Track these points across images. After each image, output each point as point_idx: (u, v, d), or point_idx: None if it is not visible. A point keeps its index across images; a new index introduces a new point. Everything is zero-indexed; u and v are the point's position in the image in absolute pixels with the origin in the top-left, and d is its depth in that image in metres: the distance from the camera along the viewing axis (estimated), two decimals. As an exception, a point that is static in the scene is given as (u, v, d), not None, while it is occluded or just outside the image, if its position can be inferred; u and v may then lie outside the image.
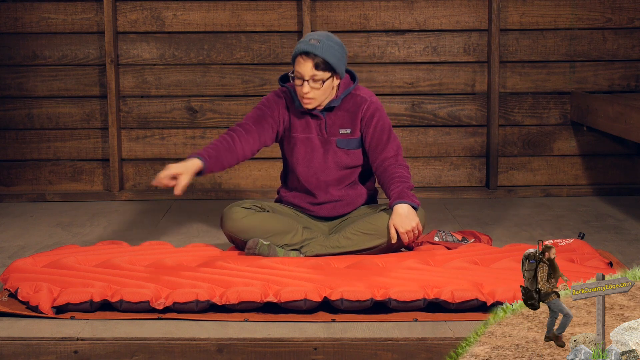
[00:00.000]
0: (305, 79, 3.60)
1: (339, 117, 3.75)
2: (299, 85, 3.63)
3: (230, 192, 5.34)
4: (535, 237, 4.26)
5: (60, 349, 2.90)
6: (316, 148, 3.76)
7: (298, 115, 3.77)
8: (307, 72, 3.60)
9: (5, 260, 3.92)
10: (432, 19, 5.35)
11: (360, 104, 3.75)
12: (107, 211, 5.03)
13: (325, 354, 2.90)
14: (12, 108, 5.38)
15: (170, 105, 5.39)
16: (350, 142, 3.76)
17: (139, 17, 5.33)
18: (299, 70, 3.61)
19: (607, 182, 5.43)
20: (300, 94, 3.64)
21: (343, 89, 3.75)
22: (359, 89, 3.79)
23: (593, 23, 5.36)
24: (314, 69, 3.59)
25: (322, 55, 3.59)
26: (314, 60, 3.59)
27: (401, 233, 3.60)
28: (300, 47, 3.61)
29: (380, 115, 3.76)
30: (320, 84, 3.62)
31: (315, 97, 3.64)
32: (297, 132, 3.76)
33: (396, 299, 3.10)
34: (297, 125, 3.76)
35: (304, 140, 3.76)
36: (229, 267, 3.47)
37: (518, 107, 5.40)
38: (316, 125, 3.75)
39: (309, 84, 3.61)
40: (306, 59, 3.59)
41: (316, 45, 3.59)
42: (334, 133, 3.75)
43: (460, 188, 5.42)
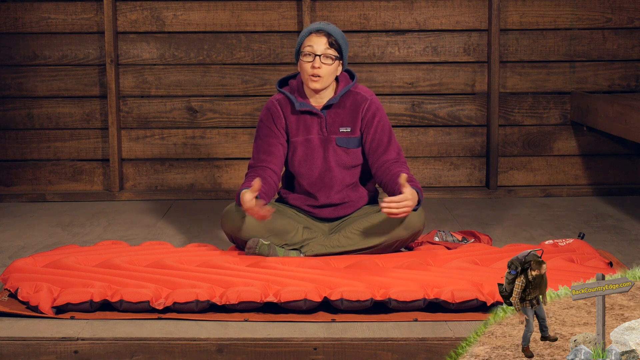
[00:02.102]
0: (317, 54, 3.66)
1: (339, 115, 3.75)
2: (309, 62, 3.67)
3: (230, 192, 5.34)
4: (536, 237, 4.26)
5: (60, 349, 2.90)
6: (316, 149, 3.76)
7: (297, 118, 3.76)
8: (320, 48, 3.67)
9: (5, 260, 3.92)
10: (432, 19, 5.35)
11: (360, 102, 3.75)
12: (107, 211, 5.03)
13: (325, 354, 2.90)
14: (12, 108, 5.38)
15: (170, 105, 5.39)
16: (350, 141, 3.76)
17: (139, 17, 5.33)
18: (313, 45, 3.67)
19: (607, 182, 5.43)
20: (310, 71, 3.68)
21: (342, 87, 3.76)
22: (358, 87, 3.80)
23: (593, 23, 5.36)
24: (327, 45, 3.67)
25: (334, 34, 3.70)
26: (328, 38, 3.68)
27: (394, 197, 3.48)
28: (313, 27, 3.72)
29: (381, 116, 3.77)
30: (331, 61, 3.67)
31: (323, 76, 3.68)
32: (297, 136, 3.76)
33: (396, 299, 3.10)
34: (296, 128, 3.76)
35: (304, 143, 3.76)
36: (229, 267, 3.47)
37: (518, 107, 5.40)
38: (317, 124, 3.75)
39: (320, 59, 3.66)
40: (320, 35, 3.69)
41: (328, 26, 3.73)
42: (334, 131, 3.75)
43: (460, 188, 5.42)
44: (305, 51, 3.68)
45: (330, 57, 3.67)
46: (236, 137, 5.39)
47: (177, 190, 5.40)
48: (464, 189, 5.41)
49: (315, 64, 3.66)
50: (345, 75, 3.81)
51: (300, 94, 3.76)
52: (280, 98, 3.79)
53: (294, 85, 3.79)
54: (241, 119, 5.39)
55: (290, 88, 3.80)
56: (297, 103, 3.74)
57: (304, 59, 3.69)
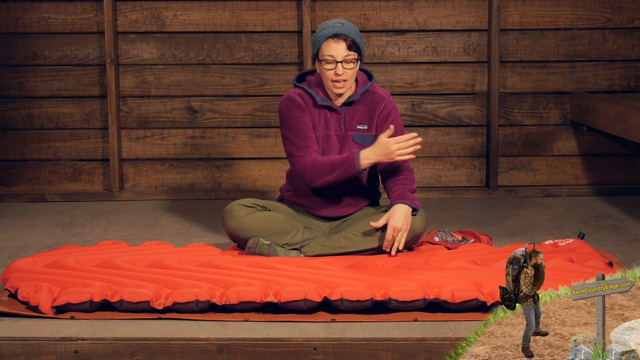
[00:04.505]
0: (338, 61, 3.62)
1: (357, 112, 3.76)
2: (331, 69, 3.64)
3: (230, 192, 5.34)
4: (536, 237, 4.26)
5: (60, 349, 2.90)
6: (334, 145, 3.76)
7: (318, 113, 3.76)
8: (340, 54, 3.62)
9: (5, 260, 3.92)
10: (432, 19, 5.35)
11: (378, 101, 3.77)
12: (107, 211, 5.03)
13: (325, 354, 2.90)
14: (12, 108, 5.38)
15: (170, 105, 5.39)
16: (366, 139, 3.76)
17: (139, 17, 5.33)
18: (332, 53, 3.62)
19: (607, 182, 5.43)
20: (333, 78, 3.65)
21: (361, 85, 3.77)
22: (376, 87, 3.82)
23: (593, 23, 5.36)
24: (347, 50, 3.62)
25: (351, 36, 3.63)
26: (346, 41, 3.63)
27: (389, 225, 3.57)
28: (328, 31, 3.63)
29: (395, 116, 3.78)
30: (353, 64, 3.65)
31: (347, 80, 3.66)
32: (317, 131, 3.76)
33: (396, 299, 3.10)
34: (318, 123, 3.76)
35: (323, 138, 3.76)
36: (229, 267, 3.47)
37: (518, 107, 5.40)
38: (335, 120, 3.75)
39: (342, 65, 3.62)
40: (338, 40, 3.62)
41: (343, 27, 3.64)
42: (351, 128, 3.76)
43: (460, 188, 5.42)
44: (326, 59, 3.64)
45: (352, 61, 3.64)
46: (236, 137, 5.39)
47: (177, 190, 5.40)
48: (464, 189, 5.41)
49: (338, 71, 3.63)
50: (363, 74, 3.82)
51: (321, 89, 3.75)
52: (301, 92, 3.78)
53: (313, 81, 3.79)
54: (241, 119, 5.39)
55: (308, 84, 3.79)
56: (319, 98, 3.74)
57: (326, 67, 3.65)
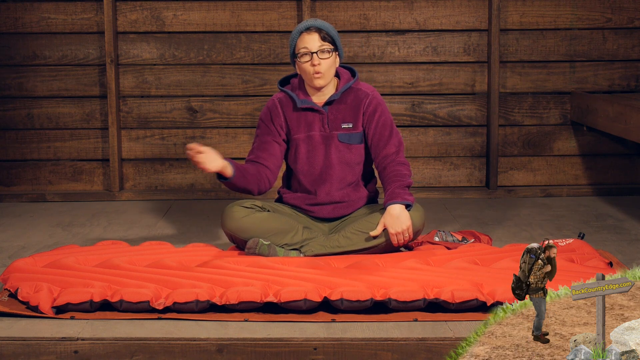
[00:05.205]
0: (313, 52, 3.67)
1: (340, 111, 3.77)
2: (307, 62, 3.68)
3: (230, 192, 5.34)
4: (535, 237, 4.26)
5: (60, 349, 2.90)
6: (318, 145, 3.77)
7: (298, 116, 3.78)
8: (314, 45, 3.68)
9: (5, 260, 3.92)
10: (432, 19, 5.35)
11: (362, 98, 3.77)
12: (107, 211, 5.03)
13: (325, 354, 2.90)
14: (12, 108, 5.38)
15: (170, 105, 5.39)
16: (352, 137, 3.77)
17: (139, 17, 5.33)
18: (306, 45, 3.69)
19: (607, 182, 5.43)
20: (310, 70, 3.70)
21: (343, 83, 3.77)
22: (360, 83, 3.82)
23: (593, 23, 5.36)
24: (321, 40, 3.69)
25: (324, 28, 3.72)
26: (319, 32, 3.70)
27: (391, 234, 3.62)
28: (300, 27, 3.73)
29: (382, 110, 3.78)
30: (329, 54, 3.69)
31: (324, 71, 3.70)
32: (299, 133, 3.78)
33: (396, 299, 3.10)
34: (298, 126, 3.77)
35: (305, 139, 3.78)
36: (229, 267, 3.47)
37: (518, 107, 5.40)
38: (318, 120, 3.76)
39: (317, 55, 3.66)
40: (311, 32, 3.70)
41: (316, 21, 3.75)
42: (335, 127, 3.77)
43: (460, 188, 5.42)
44: (301, 52, 3.70)
45: (327, 50, 3.69)
46: (236, 137, 5.39)
47: (177, 190, 5.40)
48: (464, 189, 5.41)
49: (314, 62, 3.68)
50: (347, 72, 3.83)
51: (302, 92, 3.78)
52: (282, 96, 3.82)
53: (295, 83, 3.82)
54: (241, 119, 5.39)
55: (291, 86, 3.82)
56: (299, 100, 3.76)
57: (302, 60, 3.70)
